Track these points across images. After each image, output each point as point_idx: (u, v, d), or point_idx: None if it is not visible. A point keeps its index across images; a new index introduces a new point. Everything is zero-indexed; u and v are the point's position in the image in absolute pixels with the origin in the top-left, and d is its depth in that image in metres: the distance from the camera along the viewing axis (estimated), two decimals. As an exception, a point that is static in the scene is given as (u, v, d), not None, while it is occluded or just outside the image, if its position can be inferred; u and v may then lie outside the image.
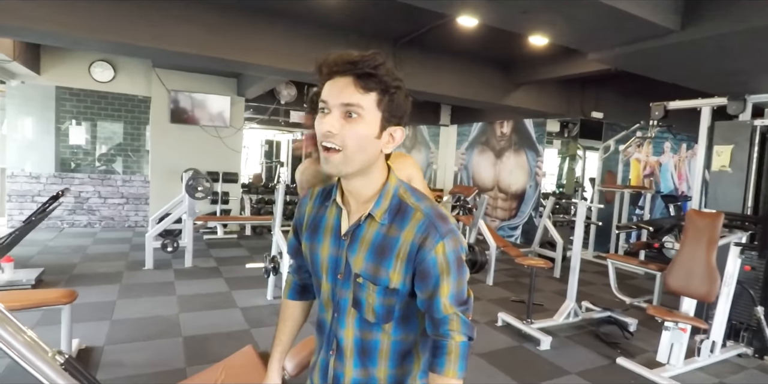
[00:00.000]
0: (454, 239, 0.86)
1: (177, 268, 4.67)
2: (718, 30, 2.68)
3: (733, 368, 3.12)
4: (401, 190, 0.90)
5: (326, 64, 0.84)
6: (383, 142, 0.86)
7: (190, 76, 6.58)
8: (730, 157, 3.56)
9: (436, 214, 0.87)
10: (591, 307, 4.00)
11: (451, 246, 0.86)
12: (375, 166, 0.88)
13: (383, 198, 0.88)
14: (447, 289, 0.86)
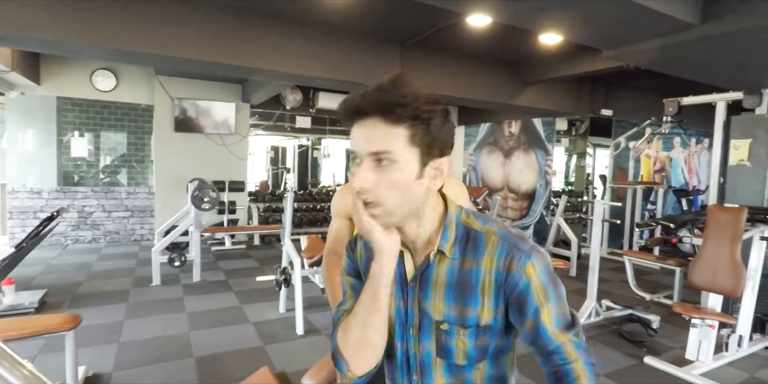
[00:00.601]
0: (542, 256, 0.77)
1: (185, 283, 4.57)
2: (740, 24, 2.59)
3: (763, 361, 3.10)
4: (463, 217, 0.81)
5: (344, 109, 0.74)
6: (428, 180, 0.74)
7: (194, 82, 6.49)
8: (748, 150, 3.51)
9: (513, 234, 0.78)
10: (612, 306, 3.95)
11: (542, 264, 0.76)
12: (426, 205, 0.77)
13: (449, 230, 0.78)
14: (549, 314, 0.75)
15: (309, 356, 2.93)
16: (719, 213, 3.10)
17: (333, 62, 4.34)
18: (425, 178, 0.74)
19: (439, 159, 0.74)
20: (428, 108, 0.70)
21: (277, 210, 7.51)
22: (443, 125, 0.72)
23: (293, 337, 3.29)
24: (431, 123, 0.70)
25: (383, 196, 0.71)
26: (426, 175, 0.73)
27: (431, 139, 0.71)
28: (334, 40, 4.32)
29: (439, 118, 0.71)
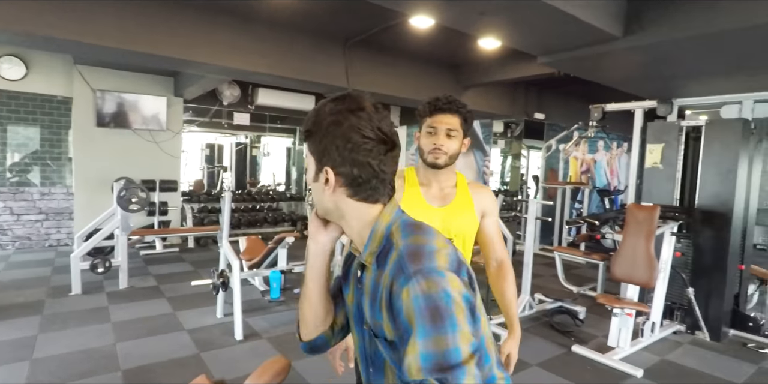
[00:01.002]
0: (427, 281, 0.67)
1: (110, 291, 4.25)
2: (655, 38, 2.83)
3: (671, 345, 3.40)
4: (394, 228, 0.78)
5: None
6: (321, 186, 0.80)
7: (120, 74, 6.04)
8: (661, 154, 3.82)
9: (409, 252, 0.72)
10: (543, 299, 4.18)
11: (419, 290, 0.66)
12: (339, 210, 0.82)
13: (372, 241, 0.79)
14: (414, 346, 0.65)
15: (250, 361, 2.84)
16: (637, 211, 3.37)
17: (273, 57, 4.23)
18: (319, 183, 0.81)
19: (327, 167, 0.78)
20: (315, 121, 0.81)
21: (214, 210, 7.20)
22: (323, 137, 0.79)
23: (232, 342, 3.16)
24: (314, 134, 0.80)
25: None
26: (320, 180, 0.80)
27: (319, 151, 0.79)
28: (275, 35, 4.20)
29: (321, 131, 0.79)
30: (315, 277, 0.88)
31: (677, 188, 3.74)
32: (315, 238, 0.87)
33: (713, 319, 3.48)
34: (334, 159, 0.77)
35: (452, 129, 1.35)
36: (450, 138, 1.35)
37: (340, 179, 0.79)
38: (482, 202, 1.45)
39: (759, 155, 3.67)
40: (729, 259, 3.45)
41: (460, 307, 0.66)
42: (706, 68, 3.31)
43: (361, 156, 0.77)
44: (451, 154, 1.37)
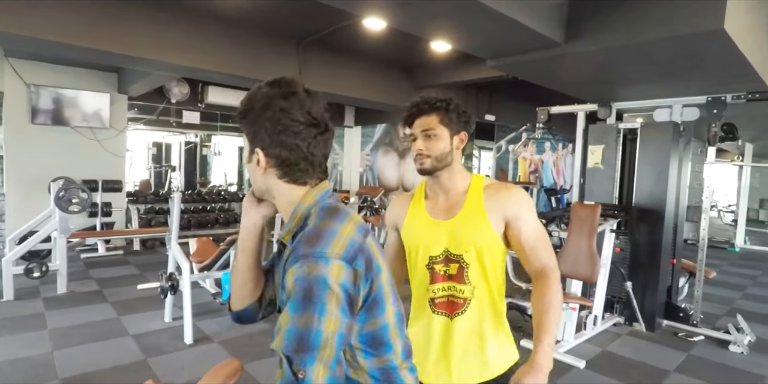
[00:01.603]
0: (309, 266, 0.70)
1: (47, 296, 4.00)
2: (593, 46, 3.01)
3: (612, 336, 3.58)
4: (313, 210, 0.82)
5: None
6: (253, 167, 0.85)
7: (57, 68, 5.69)
8: (601, 155, 4.03)
9: (309, 235, 0.75)
10: None
11: (301, 272, 0.70)
12: (269, 190, 0.87)
13: (291, 220, 0.84)
14: (286, 318, 0.69)
15: (201, 366, 2.76)
16: (580, 209, 3.54)
17: (224, 55, 4.13)
18: (252, 164, 0.85)
19: (258, 149, 0.83)
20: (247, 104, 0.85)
21: (161, 211, 6.93)
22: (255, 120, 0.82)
23: (181, 347, 3.07)
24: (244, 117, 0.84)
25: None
26: (253, 161, 0.85)
27: (251, 132, 0.84)
28: (227, 33, 4.11)
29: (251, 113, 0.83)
30: (245, 251, 0.90)
31: (616, 187, 3.95)
32: (247, 214, 0.91)
33: (648, 311, 3.71)
34: (264, 140, 0.81)
35: (427, 129, 1.19)
36: (429, 138, 1.19)
37: (271, 160, 0.82)
38: (501, 206, 1.19)
39: (688, 156, 3.96)
40: (662, 253, 3.70)
41: (335, 295, 0.70)
42: (638, 74, 3.54)
43: (289, 138, 0.80)
44: (437, 156, 1.19)
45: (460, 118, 1.22)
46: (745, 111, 4.69)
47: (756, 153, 9.67)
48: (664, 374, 2.93)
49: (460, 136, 1.22)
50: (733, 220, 9.34)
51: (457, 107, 1.21)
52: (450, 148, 1.21)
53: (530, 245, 1.19)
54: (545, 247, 1.20)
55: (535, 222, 1.20)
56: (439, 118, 1.20)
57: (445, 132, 1.20)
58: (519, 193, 1.22)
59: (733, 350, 3.30)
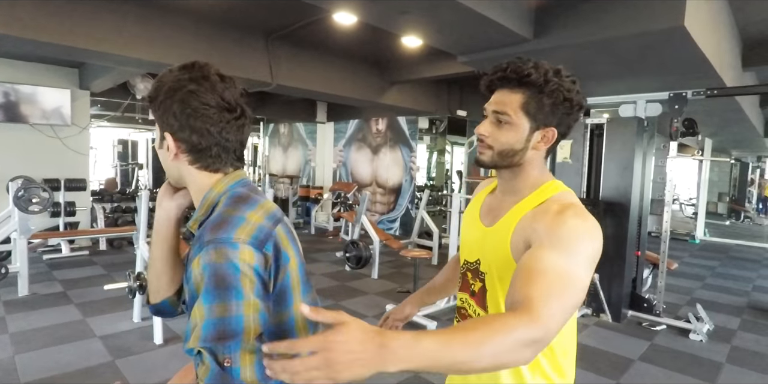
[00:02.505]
0: (217, 251, 0.67)
1: (7, 299, 3.84)
2: (559, 42, 3.08)
3: (579, 327, 3.64)
4: (222, 198, 0.79)
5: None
6: (164, 154, 0.82)
7: (11, 63, 5.44)
8: (570, 150, 4.13)
9: (214, 223, 0.72)
10: None
11: (208, 259, 0.67)
12: (182, 179, 0.84)
13: (200, 208, 0.81)
14: (199, 312, 0.65)
15: (171, 366, 2.71)
16: (550, 202, 3.63)
17: (189, 50, 4.03)
18: (163, 149, 0.81)
19: (166, 133, 0.79)
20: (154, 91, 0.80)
21: (128, 210, 6.73)
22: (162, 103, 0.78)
23: (151, 347, 3.00)
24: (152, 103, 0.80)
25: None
26: (163, 146, 0.81)
27: (159, 117, 0.80)
28: (192, 26, 4.01)
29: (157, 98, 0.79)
30: (159, 243, 0.88)
31: (584, 181, 4.06)
32: (161, 204, 0.89)
33: (615, 302, 3.83)
34: (172, 125, 0.78)
35: (501, 112, 0.86)
36: (500, 125, 0.87)
37: (181, 146, 0.79)
38: (532, 225, 0.84)
39: (651, 150, 4.09)
40: (627, 246, 3.83)
41: (248, 277, 0.67)
42: (603, 70, 3.64)
43: (199, 122, 0.76)
44: (501, 150, 0.88)
45: (556, 108, 0.86)
46: (705, 107, 4.89)
47: (715, 148, 10.11)
48: (628, 363, 3.04)
49: (545, 133, 0.88)
50: (693, 213, 9.74)
51: (559, 91, 0.85)
52: (524, 146, 0.88)
53: (519, 272, 0.76)
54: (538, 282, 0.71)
55: (552, 252, 0.76)
56: (525, 99, 0.86)
57: (524, 122, 0.87)
58: (566, 217, 0.80)
59: (693, 338, 3.45)
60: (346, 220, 5.81)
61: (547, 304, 0.68)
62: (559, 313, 0.68)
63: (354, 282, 4.80)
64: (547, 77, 0.84)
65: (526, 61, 0.86)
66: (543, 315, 0.66)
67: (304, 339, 0.59)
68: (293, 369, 0.54)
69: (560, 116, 0.87)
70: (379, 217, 8.06)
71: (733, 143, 10.50)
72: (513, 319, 0.65)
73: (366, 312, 3.80)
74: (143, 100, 6.27)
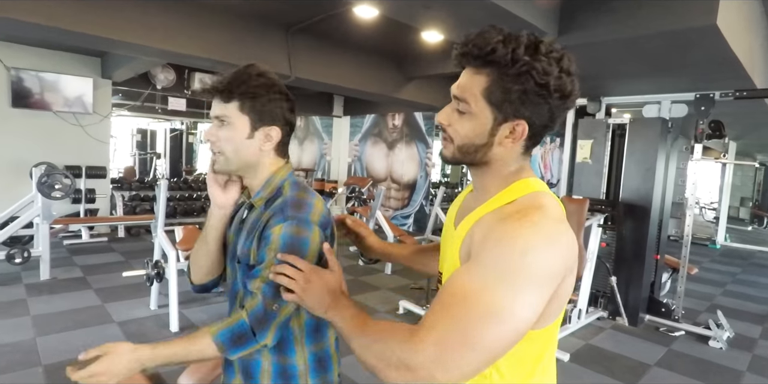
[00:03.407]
0: (298, 227, 0.86)
1: (30, 283, 3.93)
2: (585, 39, 3.02)
3: (595, 330, 3.64)
4: (286, 184, 0.96)
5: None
6: (258, 142, 0.94)
7: (38, 51, 5.53)
8: (590, 150, 4.06)
9: (293, 201, 0.90)
10: None
11: (289, 230, 0.86)
12: (259, 163, 0.96)
13: (264, 189, 0.96)
14: (268, 265, 0.85)
15: (184, 354, 2.74)
16: (568, 204, 3.57)
17: (211, 41, 4.04)
18: (255, 141, 0.93)
19: (269, 126, 0.94)
20: (254, 87, 0.92)
21: (146, 199, 6.83)
22: (269, 101, 0.93)
23: (167, 335, 3.04)
24: (256, 99, 0.92)
25: (223, 148, 0.93)
26: (255, 137, 0.93)
27: (265, 111, 0.93)
28: (214, 18, 4.02)
29: (265, 96, 0.92)
30: (218, 236, 0.99)
31: (604, 182, 3.99)
32: (219, 203, 0.97)
33: (632, 306, 3.77)
34: (278, 118, 0.94)
35: (460, 98, 0.71)
36: (460, 115, 0.72)
37: (279, 136, 0.96)
38: (479, 233, 0.70)
39: (674, 152, 4.01)
40: (647, 249, 3.75)
41: (313, 254, 0.87)
42: (629, 69, 3.56)
43: (291, 116, 0.97)
44: (460, 145, 0.73)
45: (526, 95, 0.67)
46: (732, 109, 4.76)
47: (739, 151, 9.86)
48: (645, 368, 2.99)
49: (513, 126, 0.70)
50: (714, 218, 9.53)
51: (529, 74, 0.65)
52: (486, 141, 0.71)
53: (442, 287, 0.69)
54: (444, 307, 0.63)
55: (472, 272, 0.65)
56: (488, 84, 0.68)
57: (487, 112, 0.70)
58: (506, 227, 0.65)
59: (713, 346, 3.38)
60: (360, 215, 5.81)
61: (430, 332, 0.61)
62: (445, 347, 0.59)
63: (367, 277, 4.80)
64: (516, 55, 0.65)
65: (496, 32, 0.66)
66: (422, 341, 0.60)
67: (306, 263, 0.82)
68: (282, 270, 0.81)
69: (533, 106, 0.68)
70: (393, 212, 8.05)
71: (759, 147, 10.24)
72: (401, 333, 0.64)
73: (379, 307, 3.81)
74: (164, 90, 6.33)
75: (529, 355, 0.73)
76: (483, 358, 0.60)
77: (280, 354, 0.92)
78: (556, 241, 0.65)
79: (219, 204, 0.97)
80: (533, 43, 0.66)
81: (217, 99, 0.93)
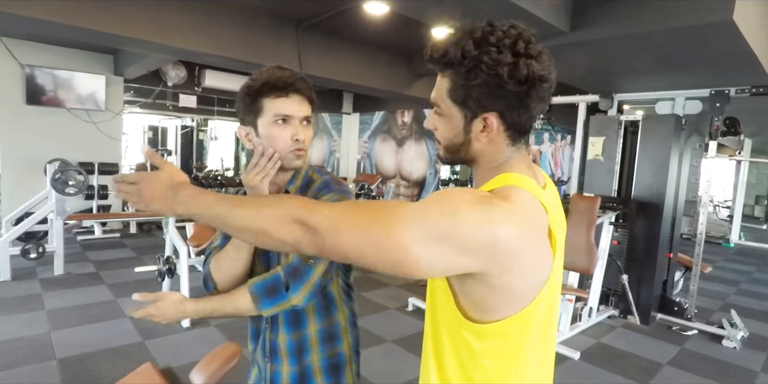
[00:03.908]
0: (342, 195, 1.00)
1: (44, 277, 4.00)
2: (597, 35, 2.97)
3: (606, 328, 3.61)
4: (311, 172, 1.09)
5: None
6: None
7: (52, 49, 5.60)
8: (602, 147, 4.02)
9: (333, 180, 1.05)
10: None
11: (337, 197, 0.98)
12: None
13: (296, 178, 1.07)
14: None
15: (197, 349, 2.77)
16: (579, 201, 3.50)
17: (221, 38, 4.06)
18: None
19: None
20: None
21: (158, 196, 6.88)
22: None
23: (178, 330, 3.08)
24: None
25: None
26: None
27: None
28: (224, 15, 4.03)
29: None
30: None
31: (616, 180, 3.95)
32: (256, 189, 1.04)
33: (643, 304, 3.73)
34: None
35: (433, 102, 0.76)
36: (440, 118, 0.76)
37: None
38: None
39: (688, 149, 3.95)
40: (659, 247, 3.71)
41: None
42: (642, 65, 3.51)
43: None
44: (446, 146, 0.77)
45: (487, 88, 0.68)
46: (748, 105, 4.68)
47: (754, 148, 9.70)
48: (657, 367, 2.96)
49: (482, 120, 0.71)
50: (728, 216, 9.40)
51: (478, 68, 0.66)
52: (464, 138, 0.74)
53: None
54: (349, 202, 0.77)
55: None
56: (450, 84, 0.71)
57: (455, 111, 0.72)
58: (461, 194, 0.67)
59: (726, 345, 3.34)
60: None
61: (338, 207, 0.69)
62: (338, 212, 0.66)
63: (376, 273, 4.81)
64: (465, 52, 0.67)
65: (456, 33, 0.69)
66: (328, 210, 0.67)
67: (132, 174, 0.81)
68: (119, 188, 0.79)
69: (497, 98, 0.68)
70: (402, 209, 8.05)
71: (775, 144, 10.06)
72: (295, 198, 0.72)
73: (388, 304, 3.81)
74: (175, 87, 6.37)
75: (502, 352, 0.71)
76: (367, 250, 0.63)
77: (327, 316, 1.05)
78: (495, 220, 0.62)
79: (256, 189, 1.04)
80: (483, 35, 0.67)
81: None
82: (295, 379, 1.03)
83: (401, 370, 2.71)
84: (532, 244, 0.65)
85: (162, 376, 1.61)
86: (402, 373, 2.65)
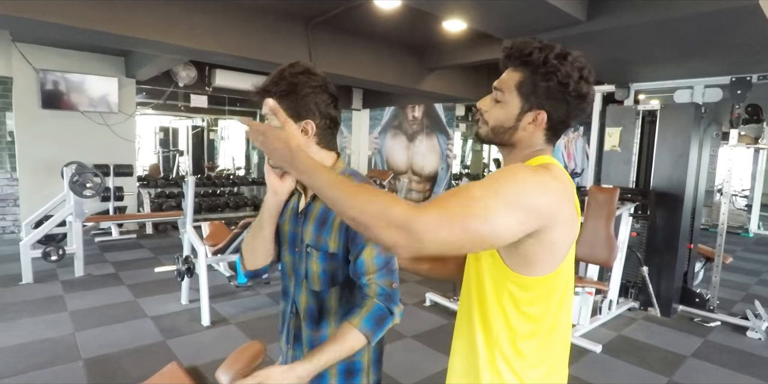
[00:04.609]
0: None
1: (65, 279, 4.05)
2: (615, 23, 2.91)
3: (627, 321, 3.57)
4: (345, 175, 1.00)
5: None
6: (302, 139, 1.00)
7: (63, 52, 5.64)
8: (619, 137, 3.95)
9: (356, 173, 1.05)
10: None
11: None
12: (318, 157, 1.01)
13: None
14: (371, 252, 0.95)
15: (218, 347, 2.79)
16: (597, 193, 3.45)
17: (232, 37, 4.06)
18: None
19: (304, 120, 0.99)
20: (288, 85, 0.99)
21: (172, 195, 6.95)
22: (304, 96, 0.98)
23: (199, 328, 3.10)
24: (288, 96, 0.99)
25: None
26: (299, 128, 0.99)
27: (298, 109, 0.99)
28: (234, 14, 4.03)
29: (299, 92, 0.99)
30: (273, 221, 1.05)
31: (633, 171, 3.89)
32: (275, 190, 1.01)
33: (664, 296, 3.68)
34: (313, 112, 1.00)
35: (498, 88, 0.89)
36: (496, 102, 0.90)
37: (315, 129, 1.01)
38: None
39: (708, 139, 3.87)
40: (680, 238, 3.64)
41: None
42: (661, 53, 3.44)
43: (332, 111, 1.04)
44: (493, 126, 0.90)
45: (549, 91, 0.84)
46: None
47: (773, 136, 9.48)
48: (681, 359, 2.92)
49: (535, 114, 0.86)
50: (746, 205, 9.24)
51: (554, 74, 0.83)
52: (513, 124, 0.88)
53: None
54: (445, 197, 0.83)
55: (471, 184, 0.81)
56: (521, 79, 0.86)
57: (516, 101, 0.87)
58: (512, 167, 0.84)
59: (751, 336, 3.28)
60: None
61: (428, 207, 0.73)
62: (436, 216, 0.71)
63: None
64: (547, 59, 0.83)
65: (534, 42, 0.85)
66: (426, 212, 0.71)
67: (259, 124, 0.88)
68: (253, 136, 0.87)
69: (554, 101, 0.86)
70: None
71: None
72: (398, 201, 0.74)
73: (406, 300, 3.80)
74: (186, 87, 6.39)
75: (540, 300, 0.86)
76: (462, 239, 0.71)
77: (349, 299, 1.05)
78: (547, 185, 0.79)
79: (276, 190, 1.01)
80: (563, 52, 0.84)
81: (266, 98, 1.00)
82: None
83: (422, 364, 2.70)
84: (570, 206, 0.82)
85: (188, 376, 1.62)
86: (423, 368, 2.65)
